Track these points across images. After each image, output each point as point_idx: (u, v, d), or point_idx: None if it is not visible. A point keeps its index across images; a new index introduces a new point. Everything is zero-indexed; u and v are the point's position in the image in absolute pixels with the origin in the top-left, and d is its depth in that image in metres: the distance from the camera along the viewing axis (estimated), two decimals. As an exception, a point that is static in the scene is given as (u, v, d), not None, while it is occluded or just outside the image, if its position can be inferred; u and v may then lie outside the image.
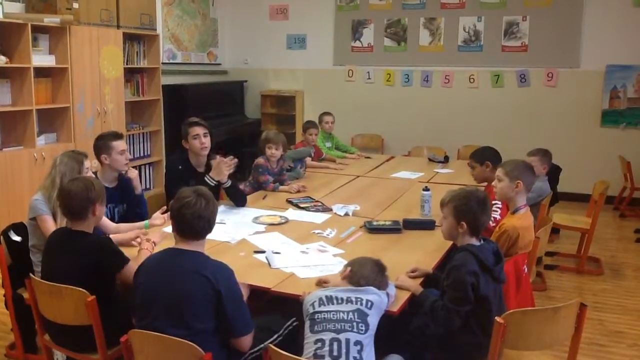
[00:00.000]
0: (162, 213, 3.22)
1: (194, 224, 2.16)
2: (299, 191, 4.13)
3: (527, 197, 3.08)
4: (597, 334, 3.41)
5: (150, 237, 2.82)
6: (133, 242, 2.88)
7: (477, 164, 3.77)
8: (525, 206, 2.99)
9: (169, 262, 2.16)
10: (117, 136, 3.40)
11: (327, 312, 2.06)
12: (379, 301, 2.13)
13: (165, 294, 2.08)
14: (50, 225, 2.86)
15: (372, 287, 2.15)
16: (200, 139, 3.68)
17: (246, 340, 2.17)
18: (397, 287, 2.38)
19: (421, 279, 2.54)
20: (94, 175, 3.14)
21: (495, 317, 2.09)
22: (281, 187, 4.20)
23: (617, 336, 3.42)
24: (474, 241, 2.40)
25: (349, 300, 2.09)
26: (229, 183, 3.65)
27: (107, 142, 3.33)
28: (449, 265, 2.36)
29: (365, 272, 2.20)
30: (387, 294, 2.22)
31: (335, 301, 2.09)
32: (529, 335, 2.15)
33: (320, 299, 2.10)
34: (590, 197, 4.70)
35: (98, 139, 3.42)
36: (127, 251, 2.60)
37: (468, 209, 2.38)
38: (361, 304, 2.08)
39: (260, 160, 4.25)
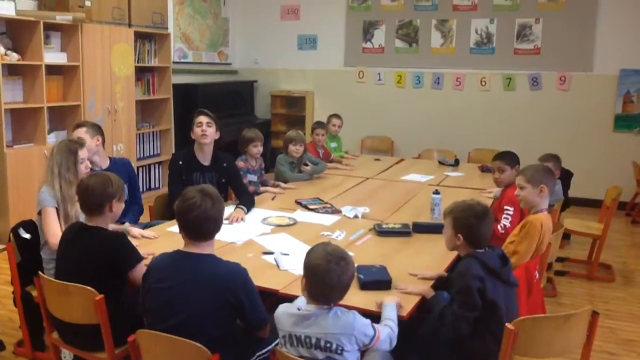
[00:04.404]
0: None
1: (202, 225, 2.14)
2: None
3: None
4: (608, 342, 3.37)
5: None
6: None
7: (508, 167, 3.66)
8: (546, 210, 2.96)
9: (183, 268, 2.12)
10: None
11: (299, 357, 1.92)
12: (353, 342, 1.92)
13: (183, 306, 2.06)
14: (51, 218, 2.83)
15: (345, 319, 1.92)
16: (202, 126, 3.70)
17: (264, 333, 2.23)
18: (408, 293, 2.35)
19: (432, 282, 2.52)
20: (90, 166, 3.12)
21: (506, 324, 2.07)
22: (262, 188, 4.27)
23: (629, 345, 3.37)
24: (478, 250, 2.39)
25: (317, 346, 1.92)
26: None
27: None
28: (455, 273, 2.35)
29: (325, 280, 1.92)
30: (374, 327, 1.97)
31: (304, 344, 1.93)
32: (540, 342, 2.12)
33: (290, 336, 1.96)
34: (602, 203, 4.65)
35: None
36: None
37: (465, 222, 2.37)
38: (330, 351, 1.91)
39: (239, 162, 4.19)
